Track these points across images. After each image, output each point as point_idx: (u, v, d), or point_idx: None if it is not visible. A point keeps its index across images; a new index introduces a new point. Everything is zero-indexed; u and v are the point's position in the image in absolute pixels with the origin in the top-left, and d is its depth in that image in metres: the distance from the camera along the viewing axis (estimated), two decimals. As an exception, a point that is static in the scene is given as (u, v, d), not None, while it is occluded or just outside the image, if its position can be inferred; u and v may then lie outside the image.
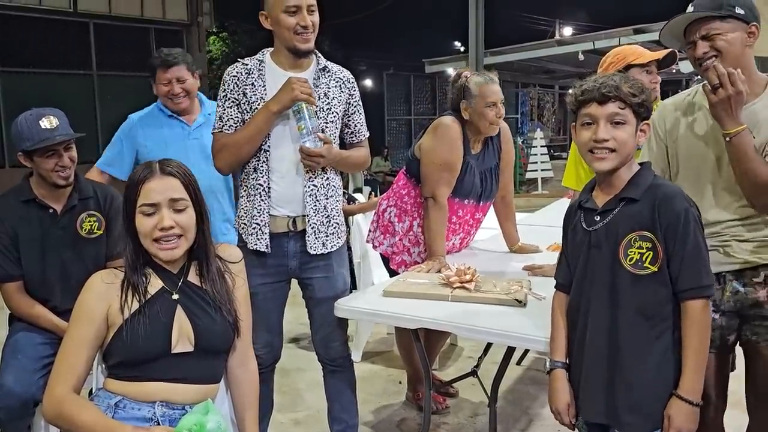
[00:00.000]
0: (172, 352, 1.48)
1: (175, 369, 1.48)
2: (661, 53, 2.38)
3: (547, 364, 1.60)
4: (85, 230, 2.21)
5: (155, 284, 1.52)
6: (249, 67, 2.06)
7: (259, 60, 2.08)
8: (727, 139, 1.63)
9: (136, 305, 1.48)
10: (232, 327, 1.58)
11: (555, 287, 1.66)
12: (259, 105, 2.02)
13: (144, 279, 1.51)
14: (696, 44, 1.70)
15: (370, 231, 2.85)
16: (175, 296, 1.52)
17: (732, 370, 1.92)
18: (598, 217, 1.51)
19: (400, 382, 3.27)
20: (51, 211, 2.17)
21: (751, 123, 1.65)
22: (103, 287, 1.49)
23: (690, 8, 1.73)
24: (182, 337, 1.49)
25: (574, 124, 1.55)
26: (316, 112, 2.01)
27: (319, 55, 2.12)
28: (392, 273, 2.73)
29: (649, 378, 1.44)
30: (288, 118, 2.01)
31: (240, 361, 1.64)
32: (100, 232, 2.23)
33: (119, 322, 1.46)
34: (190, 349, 1.50)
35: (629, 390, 1.45)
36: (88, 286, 1.50)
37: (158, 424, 1.45)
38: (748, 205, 1.71)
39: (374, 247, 2.82)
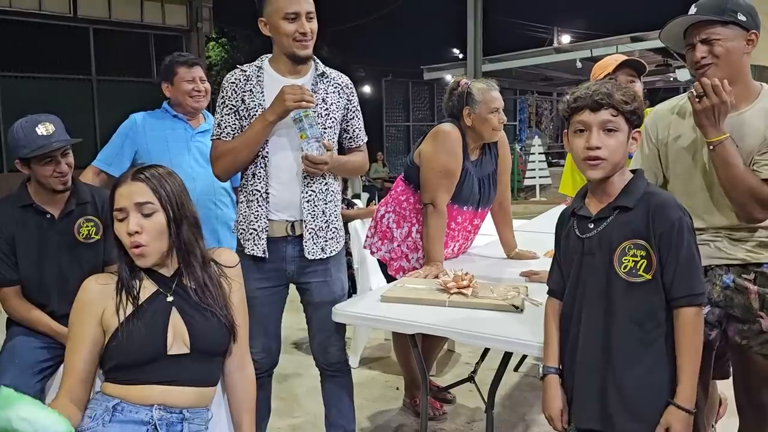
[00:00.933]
0: (168, 353, 1.48)
1: (172, 371, 1.49)
2: (612, 65, 2.45)
3: (540, 370, 1.61)
4: (82, 235, 2.20)
5: (150, 287, 1.53)
6: (247, 73, 2.07)
7: (257, 66, 2.09)
8: (711, 147, 1.64)
9: (131, 308, 1.49)
10: (228, 330, 1.58)
11: (548, 293, 1.66)
12: (257, 111, 2.02)
13: (137, 282, 1.53)
14: (695, 47, 1.70)
15: (367, 237, 2.85)
16: (170, 298, 1.53)
17: (725, 377, 1.92)
18: (592, 225, 1.51)
19: (397, 388, 3.27)
20: (48, 216, 2.17)
21: (739, 130, 1.66)
22: (98, 289, 1.51)
23: (692, 9, 1.71)
24: (177, 338, 1.50)
25: (566, 131, 1.56)
26: (315, 118, 2.02)
27: (318, 60, 2.13)
28: (390, 279, 2.73)
29: (643, 384, 1.44)
30: (286, 126, 2.01)
31: (237, 365, 1.65)
32: (98, 237, 2.23)
33: (114, 325, 1.47)
34: (186, 350, 1.51)
35: (623, 396, 1.45)
36: (84, 288, 1.52)
37: (155, 428, 1.45)
38: None
39: (372, 253, 2.83)
